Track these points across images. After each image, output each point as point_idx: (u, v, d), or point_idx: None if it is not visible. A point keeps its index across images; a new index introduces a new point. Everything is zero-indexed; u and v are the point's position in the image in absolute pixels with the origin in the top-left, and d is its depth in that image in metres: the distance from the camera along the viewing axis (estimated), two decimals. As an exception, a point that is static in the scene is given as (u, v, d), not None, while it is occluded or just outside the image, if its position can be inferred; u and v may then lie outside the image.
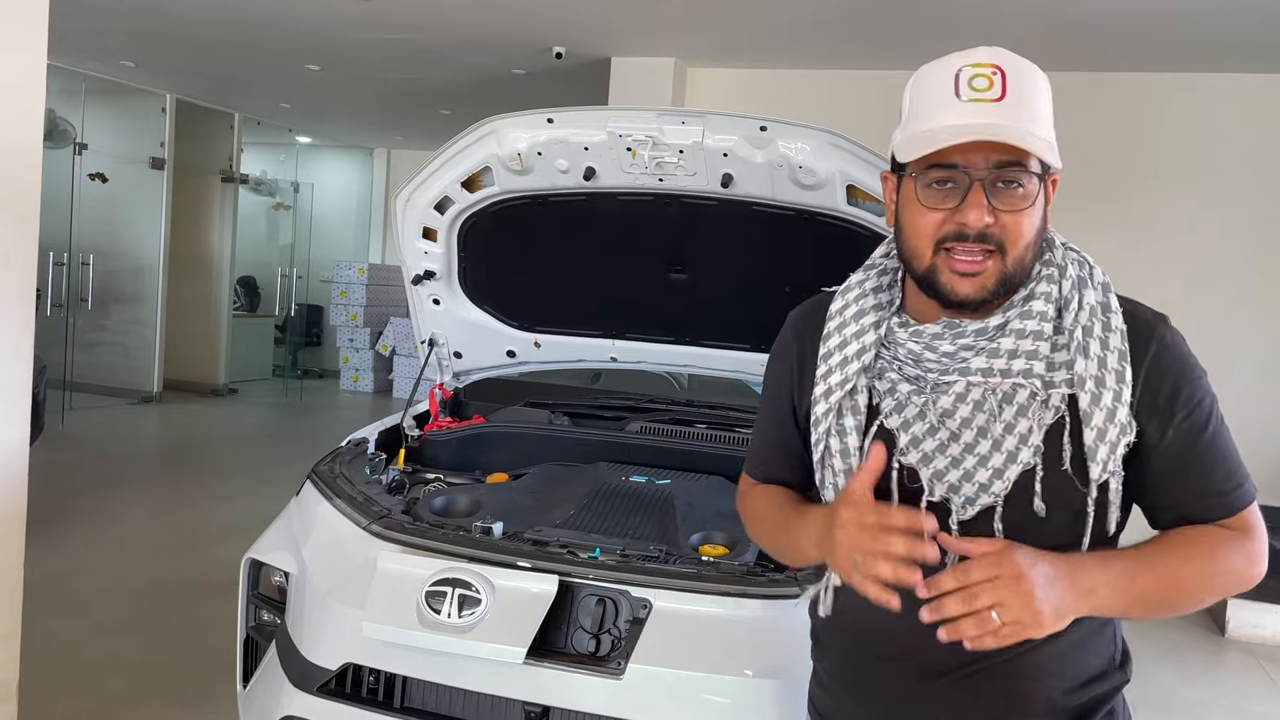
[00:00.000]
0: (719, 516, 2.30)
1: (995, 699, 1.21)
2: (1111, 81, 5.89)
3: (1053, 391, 1.16)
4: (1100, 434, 1.14)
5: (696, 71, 6.69)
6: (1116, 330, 1.17)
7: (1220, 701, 4.10)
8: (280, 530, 2.34)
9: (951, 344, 1.19)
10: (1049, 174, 1.18)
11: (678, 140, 2.36)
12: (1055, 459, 1.16)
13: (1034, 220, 1.16)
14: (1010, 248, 1.15)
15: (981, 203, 1.13)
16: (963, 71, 1.15)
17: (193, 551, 4.94)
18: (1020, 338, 1.16)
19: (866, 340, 1.26)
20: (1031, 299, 1.18)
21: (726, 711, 1.79)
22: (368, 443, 2.69)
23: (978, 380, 1.17)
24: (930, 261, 1.17)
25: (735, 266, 2.71)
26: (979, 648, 1.08)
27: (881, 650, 1.28)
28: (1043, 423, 1.16)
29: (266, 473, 6.74)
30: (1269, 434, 5.72)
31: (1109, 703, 1.26)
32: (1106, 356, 1.15)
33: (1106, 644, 1.27)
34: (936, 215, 1.16)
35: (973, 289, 1.16)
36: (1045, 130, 1.15)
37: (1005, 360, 1.16)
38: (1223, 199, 5.76)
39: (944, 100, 1.15)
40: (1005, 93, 1.13)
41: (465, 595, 1.83)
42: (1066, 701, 1.23)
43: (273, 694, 2.05)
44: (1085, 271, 1.21)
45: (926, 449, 1.20)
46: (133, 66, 8.07)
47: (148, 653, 3.68)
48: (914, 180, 1.18)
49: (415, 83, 7.82)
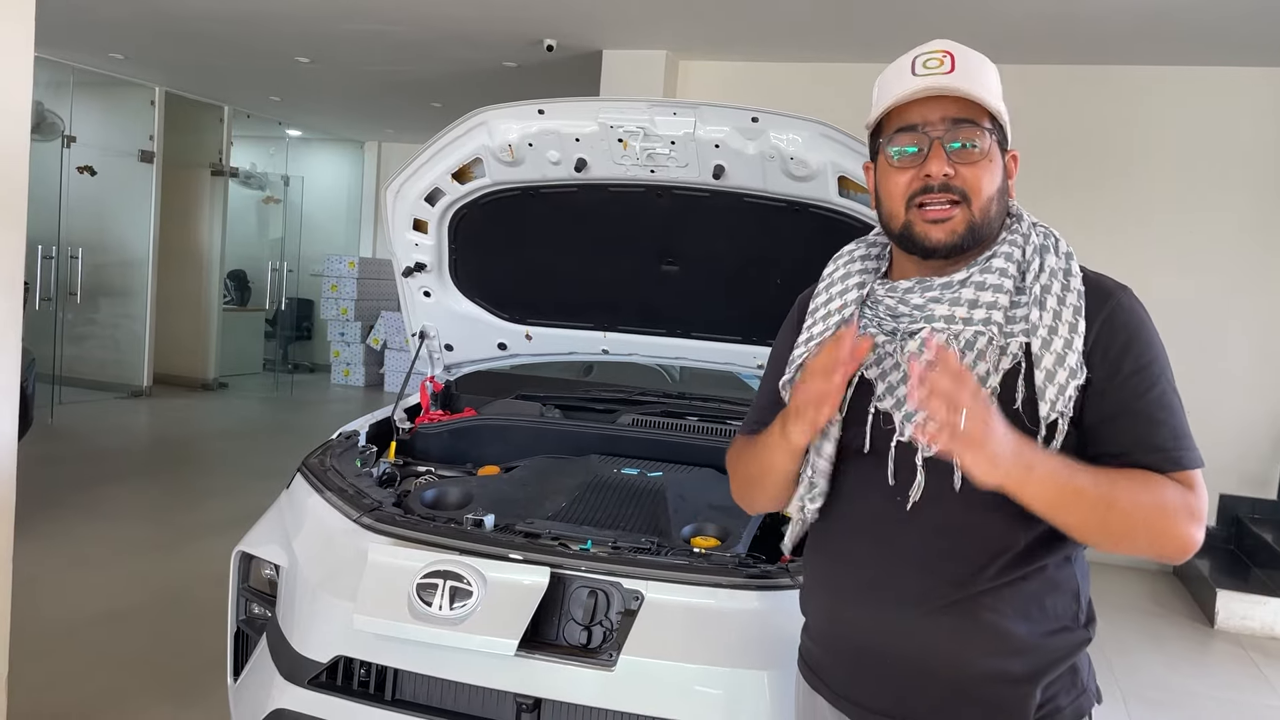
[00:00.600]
0: (711, 508, 2.30)
1: (967, 633, 1.28)
2: (1104, 74, 5.91)
3: (1010, 340, 1.28)
4: (1049, 375, 1.25)
5: (689, 64, 6.68)
6: (1074, 290, 1.30)
7: (1209, 692, 4.12)
8: (271, 523, 2.33)
9: (921, 297, 1.33)
10: (1007, 149, 1.35)
11: (669, 131, 2.35)
12: (1009, 400, 1.27)
13: (992, 175, 1.31)
14: (974, 197, 1.30)
15: (941, 155, 1.29)
16: (918, 57, 1.33)
17: (183, 546, 4.92)
18: (980, 289, 1.30)
19: (849, 297, 1.41)
20: (994, 258, 1.32)
21: (718, 702, 1.79)
22: (358, 435, 2.68)
23: (941, 326, 1.30)
24: (905, 217, 1.33)
25: (727, 258, 2.70)
26: (936, 442, 1.14)
27: (857, 581, 1.37)
28: (1000, 367, 1.28)
29: (257, 467, 6.72)
30: (1260, 427, 5.76)
31: (1072, 657, 1.33)
32: (1062, 310, 1.28)
33: (1070, 601, 1.34)
34: (905, 175, 1.32)
35: (944, 234, 1.30)
36: (993, 96, 1.31)
37: (966, 309, 1.29)
38: (1214, 190, 5.78)
39: (901, 78, 1.33)
40: (954, 68, 1.30)
41: (456, 587, 1.83)
42: (1033, 645, 1.30)
43: (263, 687, 2.04)
44: (1050, 242, 1.35)
45: (900, 395, 1.32)
46: (121, 59, 8.02)
47: (138, 647, 3.67)
48: (885, 150, 1.34)
49: (406, 75, 7.79)
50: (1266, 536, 5.30)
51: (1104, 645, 4.45)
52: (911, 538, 1.31)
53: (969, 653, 1.30)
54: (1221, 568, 5.37)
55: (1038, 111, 5.91)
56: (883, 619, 1.35)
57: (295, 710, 1.95)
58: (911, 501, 1.31)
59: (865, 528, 1.35)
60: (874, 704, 1.37)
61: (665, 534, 2.14)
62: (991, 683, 1.30)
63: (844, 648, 1.41)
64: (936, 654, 1.31)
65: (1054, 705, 1.31)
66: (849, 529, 1.39)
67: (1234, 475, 5.79)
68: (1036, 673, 1.30)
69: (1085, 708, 1.34)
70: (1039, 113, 5.91)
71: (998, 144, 1.32)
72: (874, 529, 1.32)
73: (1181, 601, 5.32)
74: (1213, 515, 5.85)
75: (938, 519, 1.30)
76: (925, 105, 1.30)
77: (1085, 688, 1.35)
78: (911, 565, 1.32)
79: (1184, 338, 5.65)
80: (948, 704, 1.32)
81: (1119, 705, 3.81)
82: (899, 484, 1.32)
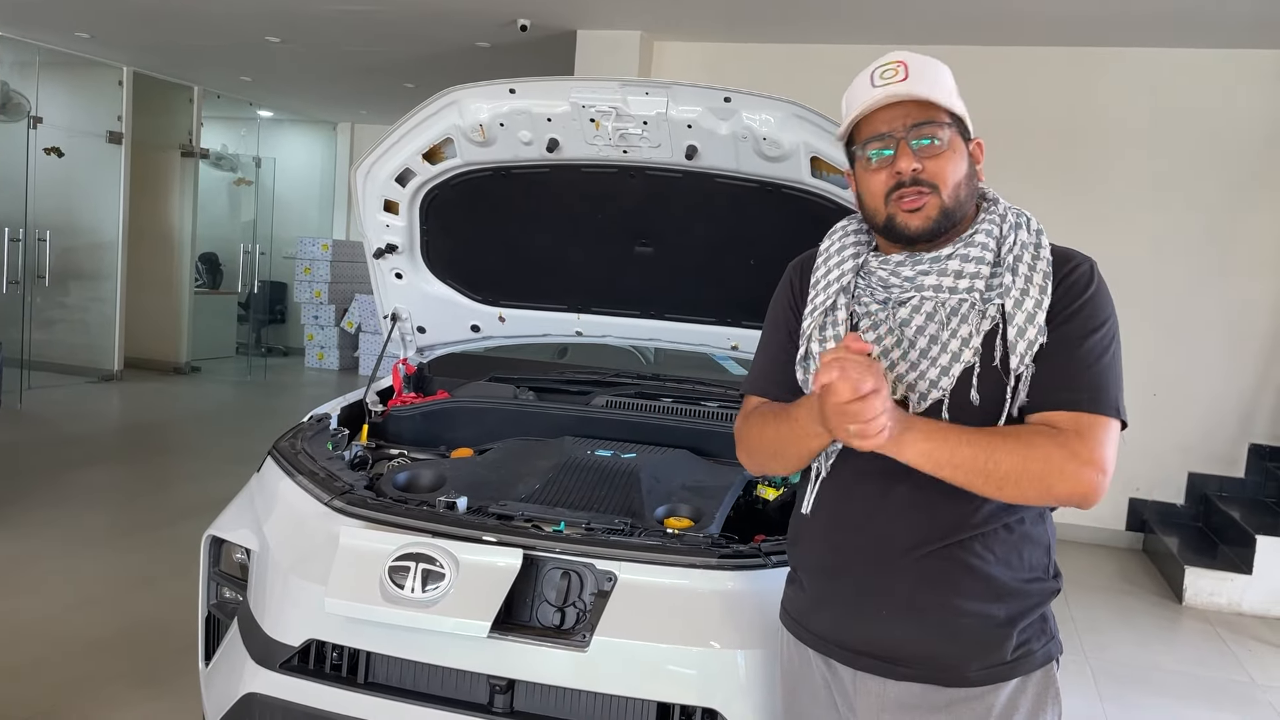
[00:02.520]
0: (684, 489, 2.30)
1: (949, 576, 1.42)
2: (1072, 56, 5.93)
3: (989, 304, 1.44)
4: (1020, 331, 1.41)
5: (664, 45, 6.65)
6: (1044, 259, 1.46)
7: (1177, 668, 4.19)
8: (241, 507, 2.31)
9: (911, 269, 1.48)
10: (970, 139, 1.50)
11: (641, 111, 2.34)
12: (989, 358, 1.43)
13: (956, 164, 1.46)
14: (942, 186, 1.45)
15: (908, 153, 1.44)
16: (876, 69, 1.48)
17: (155, 530, 4.89)
18: (964, 262, 1.46)
19: (846, 268, 1.56)
20: (975, 234, 1.48)
21: (692, 682, 1.79)
22: (330, 418, 2.66)
23: (930, 295, 1.47)
24: (887, 211, 1.48)
25: (701, 240, 2.70)
26: (844, 410, 1.29)
27: (854, 530, 1.50)
28: (980, 329, 1.44)
29: (230, 451, 6.68)
30: (1228, 407, 5.83)
31: (1044, 605, 1.48)
32: (1032, 275, 1.44)
33: (1042, 554, 1.49)
34: (881, 174, 1.47)
35: (920, 221, 1.45)
36: (946, 95, 1.46)
37: (952, 279, 1.46)
38: (1185, 172, 5.82)
39: (863, 91, 1.48)
40: (909, 75, 1.45)
41: (429, 570, 1.82)
42: (1013, 589, 1.44)
43: (235, 671, 2.03)
44: (1022, 220, 1.50)
45: (893, 357, 1.48)
46: (88, 38, 7.90)
47: (111, 632, 3.65)
48: (861, 156, 1.50)
49: (378, 55, 7.71)
50: (1234, 514, 5.38)
51: (1075, 622, 4.51)
52: (903, 489, 1.44)
53: (956, 595, 1.43)
54: (1190, 545, 5.45)
55: (1006, 96, 5.93)
56: (878, 562, 1.47)
57: (267, 694, 1.94)
58: None
59: (864, 478, 1.48)
60: (864, 647, 1.49)
61: (639, 515, 2.14)
62: (975, 623, 1.43)
63: (837, 594, 1.53)
64: (925, 596, 1.44)
65: (1028, 648, 1.45)
66: (847, 483, 1.51)
67: (1202, 454, 5.87)
68: (1014, 617, 1.44)
69: (1054, 653, 1.49)
70: (1007, 97, 5.93)
71: (959, 135, 1.48)
72: (869, 482, 1.46)
73: (1150, 579, 5.40)
74: (1181, 493, 5.93)
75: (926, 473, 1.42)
76: (888, 112, 1.45)
77: (1053, 635, 1.50)
78: (904, 514, 1.45)
79: (1154, 320, 5.72)
80: (933, 644, 1.44)
81: (1089, 682, 3.86)
82: None
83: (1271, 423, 5.81)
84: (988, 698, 1.43)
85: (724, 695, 1.77)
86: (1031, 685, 1.45)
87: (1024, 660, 1.45)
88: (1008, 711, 1.43)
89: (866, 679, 1.48)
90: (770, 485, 2.38)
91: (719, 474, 2.41)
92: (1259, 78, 5.70)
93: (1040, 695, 1.45)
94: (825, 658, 1.54)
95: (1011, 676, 1.44)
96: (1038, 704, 1.45)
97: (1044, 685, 1.46)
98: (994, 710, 1.43)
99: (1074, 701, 3.55)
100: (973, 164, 1.51)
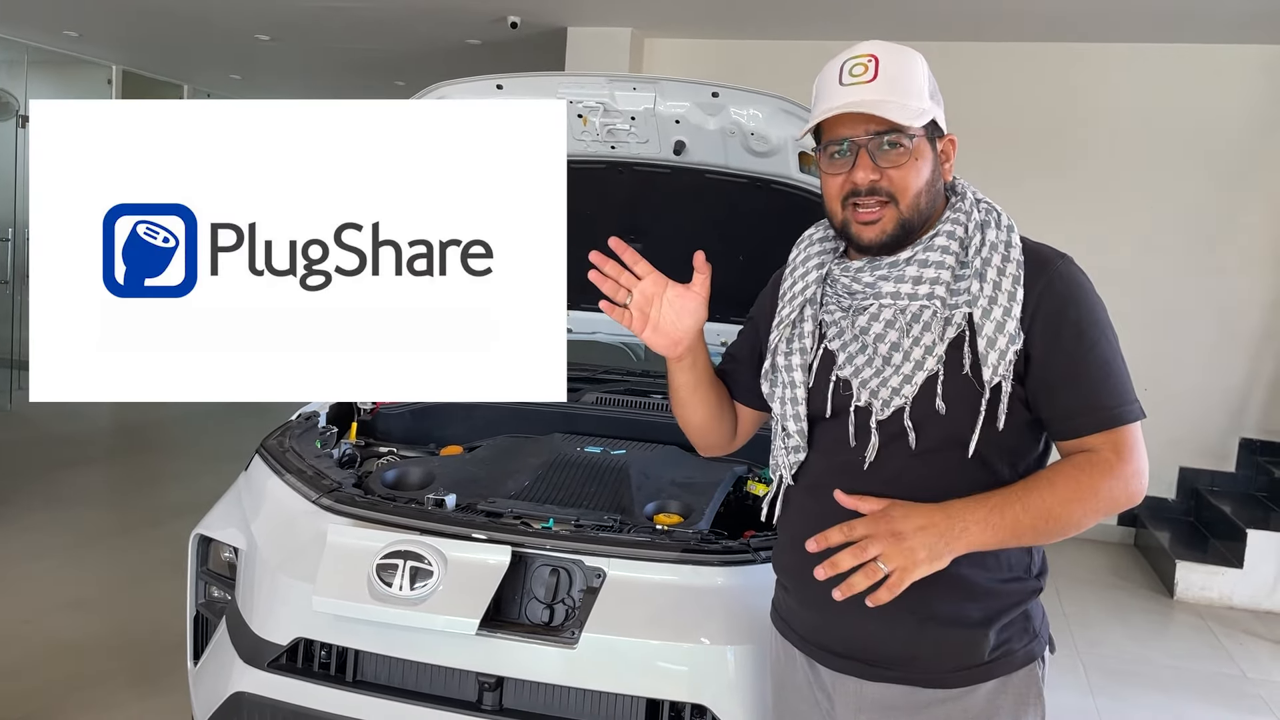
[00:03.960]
0: (674, 486, 2.30)
1: (929, 579, 1.34)
2: (1061, 52, 5.93)
3: (954, 311, 1.38)
4: (990, 342, 1.35)
5: (654, 42, 6.64)
6: (1014, 260, 1.39)
7: (1169, 662, 4.20)
8: (229, 506, 2.31)
9: (871, 275, 1.45)
10: (941, 135, 1.44)
11: (629, 107, 2.34)
12: (956, 366, 1.38)
13: (920, 173, 1.41)
14: (901, 197, 1.40)
15: (866, 164, 1.39)
16: (846, 63, 1.41)
17: (145, 530, 4.87)
18: (923, 267, 1.41)
19: (810, 279, 1.53)
20: (936, 237, 1.43)
21: (681, 679, 1.79)
22: (318, 416, 2.65)
23: (888, 302, 1.42)
24: (842, 216, 1.45)
25: (689, 235, 2.68)
26: (877, 603, 1.28)
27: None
28: (945, 337, 1.39)
29: (220, 449, 6.64)
30: (1219, 401, 5.84)
31: (1024, 604, 1.45)
32: (1001, 280, 1.37)
33: (1023, 554, 1.46)
34: (838, 179, 1.43)
35: (874, 234, 1.42)
36: (915, 99, 1.39)
37: (911, 285, 1.41)
38: (1173, 167, 5.83)
39: (831, 87, 1.42)
40: (877, 75, 1.38)
41: (417, 568, 1.81)
42: (988, 590, 1.42)
43: (223, 670, 2.02)
44: (991, 217, 1.44)
45: (858, 363, 1.45)
46: (77, 36, 7.86)
47: (101, 632, 3.63)
48: (821, 156, 1.46)
49: (368, 53, 7.69)
50: (1224, 508, 5.39)
51: (1066, 617, 4.52)
52: (874, 492, 1.40)
53: (931, 597, 1.38)
54: (1181, 539, 5.47)
55: (995, 92, 5.93)
56: None
57: (255, 693, 1.93)
58: (868, 461, 1.43)
59: (832, 483, 1.44)
60: (842, 648, 1.48)
61: (628, 512, 2.14)
62: (950, 625, 1.41)
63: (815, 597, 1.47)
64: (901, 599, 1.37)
65: (1007, 648, 1.43)
66: (818, 485, 1.49)
67: (1193, 448, 5.88)
68: (991, 617, 1.42)
69: (1036, 652, 1.45)
70: (997, 93, 5.94)
71: (926, 140, 1.41)
72: (840, 484, 1.42)
73: (1142, 573, 5.41)
74: (1172, 488, 5.94)
75: (896, 474, 1.42)
76: (851, 117, 1.39)
77: (1037, 634, 1.46)
78: None
79: (1145, 314, 5.73)
80: (910, 646, 1.43)
81: (1080, 676, 3.87)
82: (859, 444, 1.45)
83: (1262, 417, 5.82)
84: (965, 699, 1.41)
85: (713, 691, 1.77)
86: (1012, 686, 1.43)
87: (1003, 660, 1.42)
88: (987, 712, 1.41)
89: (844, 679, 1.48)
90: (760, 481, 2.38)
91: (708, 470, 2.41)
92: (1248, 73, 5.71)
93: (1022, 696, 1.43)
94: (808, 659, 1.54)
95: (990, 677, 1.41)
96: (1019, 705, 1.43)
97: (1026, 686, 1.43)
98: (971, 711, 1.41)
99: (1065, 696, 3.55)
100: (940, 162, 1.45)
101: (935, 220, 1.45)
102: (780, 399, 1.53)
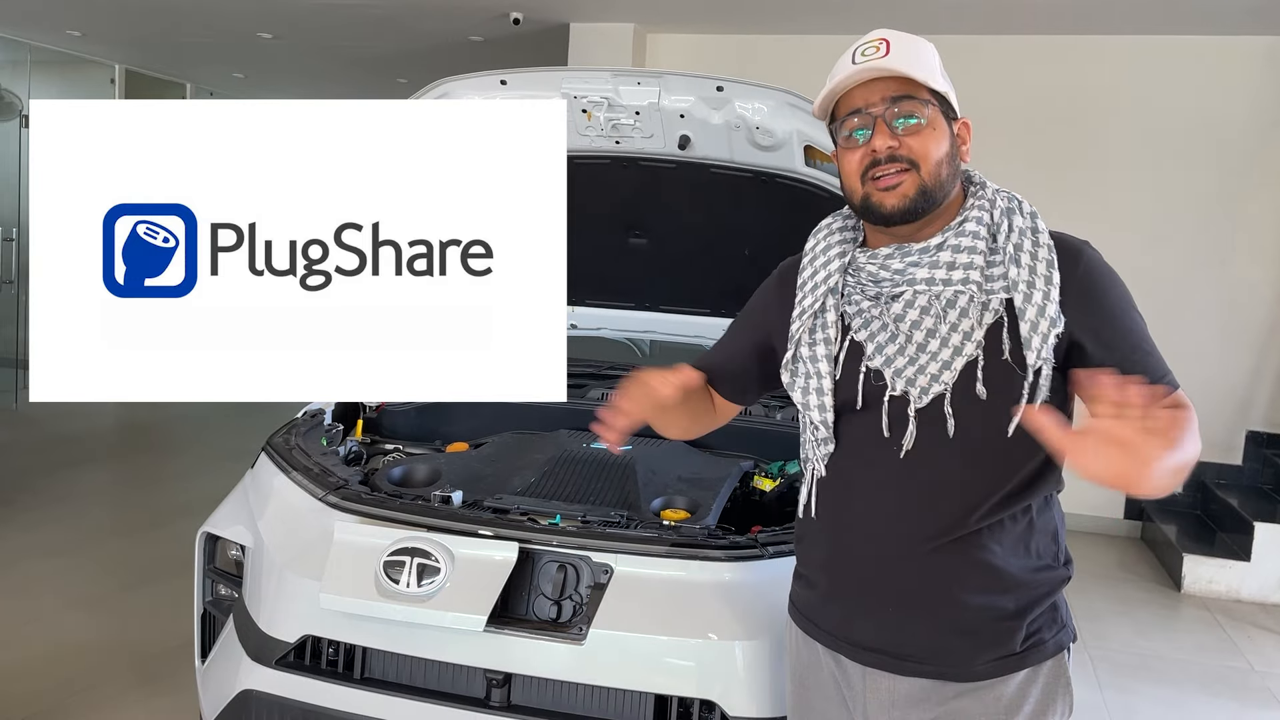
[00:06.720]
0: (681, 481, 2.29)
1: (955, 571, 1.38)
2: (1066, 44, 5.91)
3: (991, 296, 1.38)
4: (1034, 326, 1.35)
5: (656, 37, 6.63)
6: (1044, 245, 1.39)
7: (1176, 655, 4.19)
8: (236, 504, 2.30)
9: (900, 262, 1.42)
10: (956, 119, 1.44)
11: (633, 101, 2.33)
12: (995, 351, 1.37)
13: (939, 142, 1.40)
14: (922, 162, 1.38)
15: (885, 130, 1.38)
16: (858, 48, 1.42)
17: (152, 528, 4.87)
18: (956, 252, 1.39)
19: (832, 268, 1.49)
20: (965, 223, 1.41)
21: (689, 674, 1.79)
22: (324, 414, 2.65)
23: (923, 288, 1.40)
24: (863, 190, 1.42)
25: (695, 230, 2.69)
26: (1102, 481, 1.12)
27: (859, 524, 1.47)
28: (983, 322, 1.38)
29: (227, 447, 6.65)
30: (1224, 394, 5.82)
31: (1054, 594, 1.45)
32: (1036, 265, 1.37)
33: (1050, 542, 1.46)
34: (857, 152, 1.41)
35: (897, 199, 1.39)
36: (928, 73, 1.39)
37: (945, 271, 1.39)
38: (1179, 160, 5.80)
39: (843, 68, 1.42)
40: (890, 51, 1.39)
41: (424, 564, 1.81)
42: (1021, 581, 1.41)
43: (231, 668, 2.02)
44: (1014, 204, 1.44)
45: (889, 353, 1.42)
46: (79, 36, 7.86)
47: (108, 631, 3.63)
48: (839, 134, 1.44)
49: (370, 50, 7.68)
50: (1231, 501, 5.37)
51: (1074, 610, 4.50)
52: (908, 483, 1.41)
53: (963, 588, 1.40)
54: (1188, 533, 5.45)
55: (1000, 84, 5.91)
56: (883, 559, 1.44)
57: (263, 691, 1.93)
58: (905, 450, 1.41)
59: (865, 476, 1.45)
60: (871, 642, 1.46)
61: (635, 507, 2.13)
62: (983, 617, 1.40)
63: (844, 590, 1.50)
64: (933, 590, 1.41)
65: (1039, 638, 1.43)
66: (850, 479, 1.48)
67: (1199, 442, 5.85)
68: (1024, 608, 1.41)
69: (1065, 642, 1.46)
70: (1001, 85, 5.91)
71: (941, 114, 1.41)
72: (873, 476, 1.43)
73: (1149, 566, 5.39)
74: (1179, 481, 5.91)
75: (931, 464, 1.40)
76: (867, 88, 1.39)
77: (1065, 623, 1.47)
78: (909, 508, 1.42)
79: (1148, 307, 5.65)
80: (940, 638, 1.42)
81: (1088, 670, 3.86)
82: (893, 435, 1.42)
83: (1269, 410, 5.80)
84: (996, 688, 1.41)
85: (721, 687, 1.77)
86: (1042, 675, 1.43)
87: (1034, 651, 1.42)
88: (1017, 702, 1.41)
89: (876, 675, 1.46)
90: (767, 476, 2.37)
91: (715, 466, 2.41)
92: (1256, 64, 5.68)
93: (1051, 685, 1.43)
94: (834, 654, 1.52)
95: (1021, 668, 1.41)
96: (1048, 694, 1.43)
97: (1055, 675, 1.43)
98: (1002, 700, 1.41)
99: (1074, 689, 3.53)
100: (957, 144, 1.44)
101: (957, 206, 1.44)
102: (803, 389, 1.51)
